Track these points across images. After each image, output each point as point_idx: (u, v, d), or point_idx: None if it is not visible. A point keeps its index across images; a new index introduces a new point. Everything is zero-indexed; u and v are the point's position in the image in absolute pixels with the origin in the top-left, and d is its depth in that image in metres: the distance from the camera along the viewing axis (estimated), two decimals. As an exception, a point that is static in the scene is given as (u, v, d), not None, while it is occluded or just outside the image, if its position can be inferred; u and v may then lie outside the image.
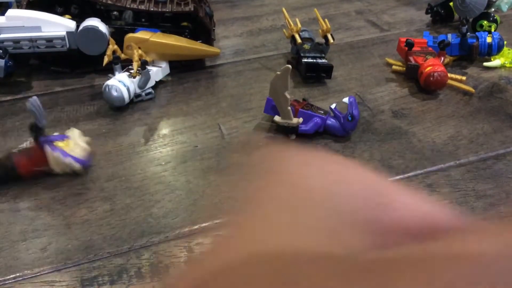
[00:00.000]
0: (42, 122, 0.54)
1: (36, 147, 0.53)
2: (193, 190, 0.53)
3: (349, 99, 0.60)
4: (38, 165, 0.53)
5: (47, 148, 0.52)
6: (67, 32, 0.68)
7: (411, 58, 0.72)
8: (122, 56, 0.68)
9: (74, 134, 0.55)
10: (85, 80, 0.73)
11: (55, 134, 0.56)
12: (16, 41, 0.67)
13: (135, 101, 0.67)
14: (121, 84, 0.64)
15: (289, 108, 0.57)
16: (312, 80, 0.72)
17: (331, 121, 0.60)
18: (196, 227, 0.49)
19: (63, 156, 0.53)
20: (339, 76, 0.74)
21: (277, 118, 0.58)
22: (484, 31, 0.79)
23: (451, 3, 0.87)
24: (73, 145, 0.54)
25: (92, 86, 0.72)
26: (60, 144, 0.53)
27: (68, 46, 0.68)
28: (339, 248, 0.17)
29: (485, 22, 0.82)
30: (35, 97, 0.53)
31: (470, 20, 0.84)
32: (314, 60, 0.71)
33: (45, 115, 0.54)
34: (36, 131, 0.53)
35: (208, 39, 0.76)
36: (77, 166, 0.53)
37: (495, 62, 0.75)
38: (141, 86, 0.67)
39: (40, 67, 0.74)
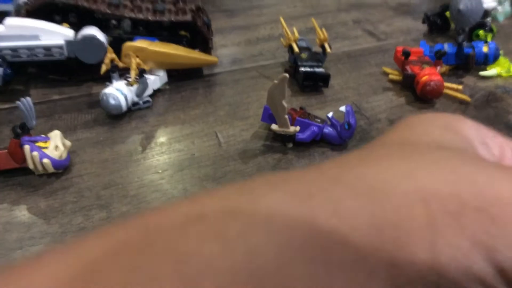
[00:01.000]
0: (32, 123, 0.54)
1: (16, 145, 0.54)
2: (190, 198, 0.53)
3: (346, 107, 0.60)
4: (17, 162, 0.55)
5: (27, 147, 0.53)
6: (65, 41, 0.68)
7: (407, 67, 0.72)
8: (120, 64, 0.68)
9: (55, 136, 0.56)
10: (83, 88, 0.73)
11: (42, 135, 0.56)
12: (15, 49, 0.67)
13: (133, 109, 0.67)
14: (118, 92, 0.64)
15: (286, 116, 0.57)
16: (309, 88, 0.72)
17: (328, 130, 0.60)
18: (192, 235, 0.49)
19: (40, 156, 0.53)
20: (336, 85, 0.74)
21: (274, 126, 0.59)
22: (480, 40, 0.80)
23: (447, 13, 0.87)
24: (52, 146, 0.54)
25: (89, 94, 0.72)
26: (40, 144, 0.54)
27: (66, 54, 0.69)
28: None
29: (481, 31, 0.83)
30: (27, 97, 0.54)
31: (467, 29, 0.85)
32: (312, 69, 0.72)
33: (35, 116, 0.55)
34: (23, 130, 0.54)
35: (206, 48, 0.76)
36: (52, 167, 0.54)
37: (491, 71, 0.76)
38: (139, 94, 0.67)
39: (38, 75, 0.74)
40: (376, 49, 0.85)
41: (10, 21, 0.68)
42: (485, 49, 0.75)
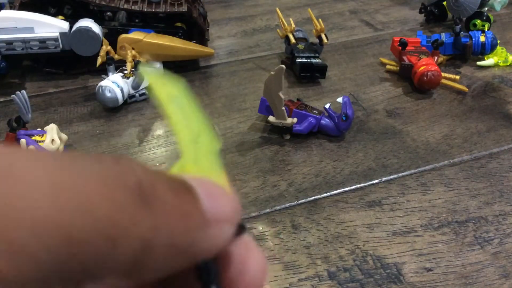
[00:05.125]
0: (28, 117, 0.54)
1: (12, 139, 0.53)
2: (187, 191, 0.53)
3: (343, 98, 0.60)
4: None
5: (23, 141, 0.53)
6: (60, 33, 0.67)
7: (405, 58, 0.72)
8: (116, 57, 0.68)
9: (52, 129, 0.55)
10: (79, 81, 0.73)
11: (39, 129, 0.56)
12: (9, 42, 0.66)
13: (129, 102, 0.67)
14: (114, 85, 0.64)
15: (283, 108, 0.57)
16: (306, 80, 0.72)
17: (325, 121, 0.60)
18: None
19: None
20: (333, 76, 0.74)
21: (271, 118, 0.58)
22: (478, 30, 0.79)
23: (444, 3, 0.87)
24: (49, 140, 0.54)
25: (85, 87, 0.71)
26: (37, 138, 0.54)
27: (61, 47, 0.68)
28: None
29: (479, 21, 0.83)
30: (23, 91, 0.53)
31: (464, 19, 0.84)
32: (308, 60, 0.71)
33: (30, 109, 0.54)
34: (19, 124, 0.53)
35: (202, 40, 0.76)
36: None
37: (489, 61, 0.76)
38: (135, 86, 0.67)
39: (33, 68, 0.74)
40: (373, 40, 0.84)
41: (4, 13, 0.67)
42: (482, 38, 0.75)
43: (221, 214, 0.14)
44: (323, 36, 0.75)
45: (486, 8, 0.84)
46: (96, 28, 0.68)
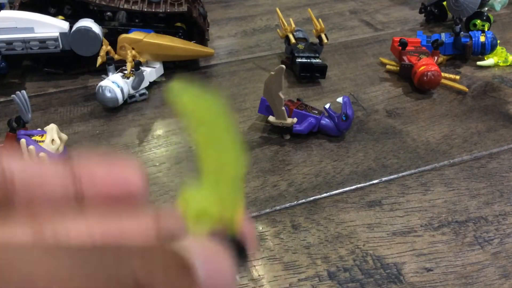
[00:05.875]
0: (27, 117, 0.54)
1: (12, 139, 0.53)
2: (187, 191, 0.53)
3: (343, 98, 0.60)
4: None
5: (23, 141, 0.53)
6: (60, 33, 0.67)
7: (404, 58, 0.72)
8: (116, 57, 0.68)
9: (52, 129, 0.55)
10: (79, 81, 0.73)
11: (39, 129, 0.56)
12: (9, 42, 0.66)
13: (129, 102, 0.67)
14: (114, 85, 0.64)
15: (283, 108, 0.57)
16: (306, 80, 0.72)
17: (325, 121, 0.60)
18: (190, 228, 0.49)
19: (37, 150, 0.53)
20: (333, 76, 0.74)
21: (271, 118, 0.58)
22: (478, 30, 0.79)
23: (444, 3, 0.87)
24: (49, 140, 0.54)
25: (85, 87, 0.71)
26: (37, 138, 0.54)
27: (61, 47, 0.68)
28: None
29: (479, 21, 0.83)
30: (23, 91, 0.53)
31: (464, 19, 0.84)
32: (308, 60, 0.71)
33: (30, 109, 0.54)
34: (19, 124, 0.53)
35: (202, 40, 0.76)
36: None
37: (489, 61, 0.76)
38: (135, 87, 0.67)
39: (33, 68, 0.74)
40: (373, 40, 0.84)
41: (4, 13, 0.67)
42: (482, 38, 0.75)
43: (216, 283, 0.15)
44: (323, 36, 0.75)
45: (486, 8, 0.84)
46: (96, 28, 0.68)
